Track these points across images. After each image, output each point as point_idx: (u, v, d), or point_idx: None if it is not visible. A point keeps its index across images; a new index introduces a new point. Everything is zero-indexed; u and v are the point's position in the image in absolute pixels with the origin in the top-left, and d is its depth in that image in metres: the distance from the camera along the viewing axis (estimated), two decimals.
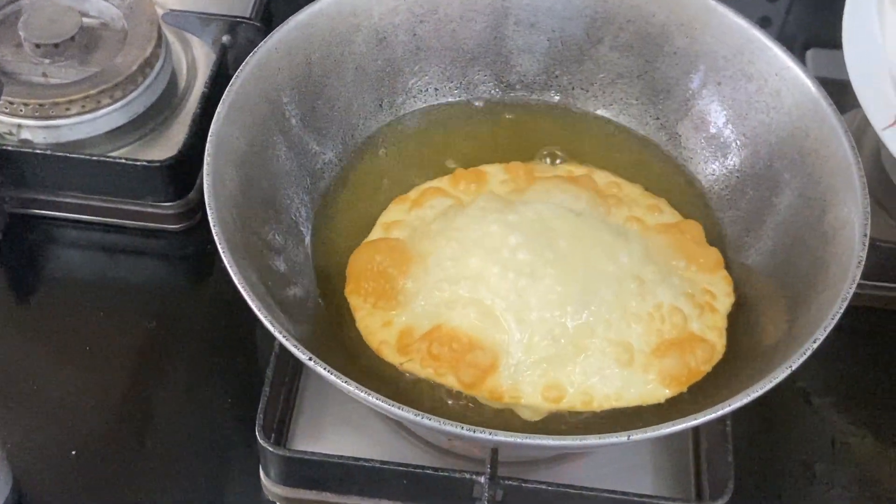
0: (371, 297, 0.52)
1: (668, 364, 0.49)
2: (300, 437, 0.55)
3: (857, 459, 0.58)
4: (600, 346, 0.49)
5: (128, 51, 0.67)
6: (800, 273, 0.51)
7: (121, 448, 0.56)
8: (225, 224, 0.47)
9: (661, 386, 0.49)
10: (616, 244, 0.52)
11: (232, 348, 0.60)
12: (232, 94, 0.51)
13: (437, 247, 0.52)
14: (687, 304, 0.52)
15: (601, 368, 0.49)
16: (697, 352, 0.50)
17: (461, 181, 0.58)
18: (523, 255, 0.50)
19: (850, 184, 0.50)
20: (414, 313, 0.51)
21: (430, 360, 0.50)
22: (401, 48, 0.60)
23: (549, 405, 0.49)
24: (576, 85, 0.62)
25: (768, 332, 0.50)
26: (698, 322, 0.51)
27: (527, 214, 0.52)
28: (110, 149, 0.66)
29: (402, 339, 0.51)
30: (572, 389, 0.49)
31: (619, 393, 0.49)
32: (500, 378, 0.49)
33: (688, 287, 0.53)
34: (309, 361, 0.43)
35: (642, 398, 0.49)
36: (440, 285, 0.51)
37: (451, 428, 0.41)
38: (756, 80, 0.56)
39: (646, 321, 0.50)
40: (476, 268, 0.50)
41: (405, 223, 0.56)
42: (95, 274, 0.65)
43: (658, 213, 0.57)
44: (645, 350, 0.50)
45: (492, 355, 0.49)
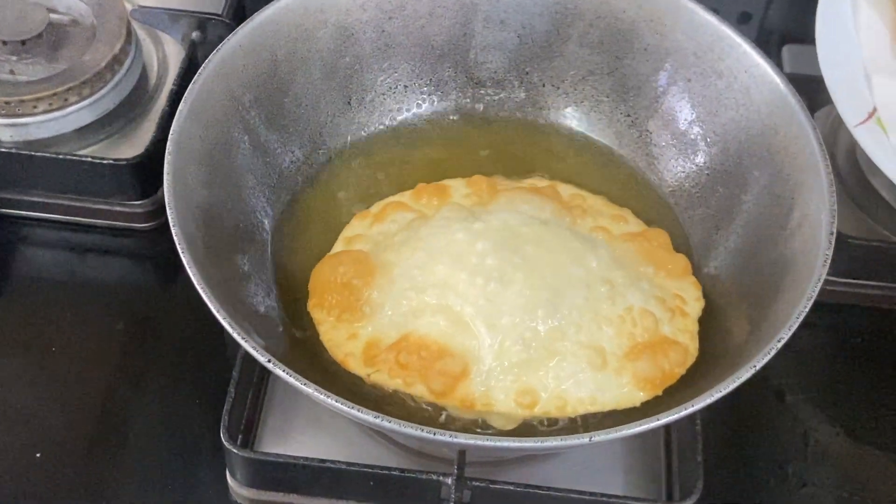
0: (335, 310, 0.51)
1: (642, 367, 0.49)
2: (268, 438, 0.55)
3: (829, 457, 0.57)
4: (572, 350, 0.49)
5: (96, 48, 0.66)
6: (767, 271, 0.50)
7: (86, 450, 0.55)
8: (186, 223, 0.47)
9: (636, 389, 0.49)
10: (584, 249, 0.51)
11: (200, 349, 0.60)
12: (194, 92, 0.51)
13: (402, 256, 0.52)
14: (658, 307, 0.51)
15: (574, 372, 0.49)
16: (670, 354, 0.49)
17: (423, 195, 0.57)
18: (491, 260, 0.50)
19: (818, 181, 0.50)
20: (380, 324, 0.50)
21: (398, 369, 0.49)
22: (369, 45, 0.60)
23: (523, 412, 0.48)
24: (546, 82, 0.62)
25: (737, 332, 0.50)
26: (669, 325, 0.51)
27: (492, 222, 0.52)
28: (79, 147, 0.65)
29: (368, 350, 0.50)
30: (546, 395, 0.48)
31: (593, 397, 0.49)
32: (471, 385, 0.48)
33: (657, 291, 0.52)
34: (268, 363, 0.42)
35: (617, 402, 0.49)
36: (407, 294, 0.50)
37: (412, 430, 0.40)
38: (726, 76, 0.56)
39: (617, 324, 0.50)
40: (443, 275, 0.50)
41: (367, 237, 0.55)
42: (63, 274, 0.64)
43: (623, 222, 0.57)
44: (617, 353, 0.49)
45: (462, 362, 0.48)
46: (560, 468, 0.54)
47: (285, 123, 0.57)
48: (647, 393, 0.49)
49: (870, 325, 0.63)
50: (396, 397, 0.49)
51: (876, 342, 0.63)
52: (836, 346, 0.63)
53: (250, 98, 0.55)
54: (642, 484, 0.54)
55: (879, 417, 0.59)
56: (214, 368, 0.59)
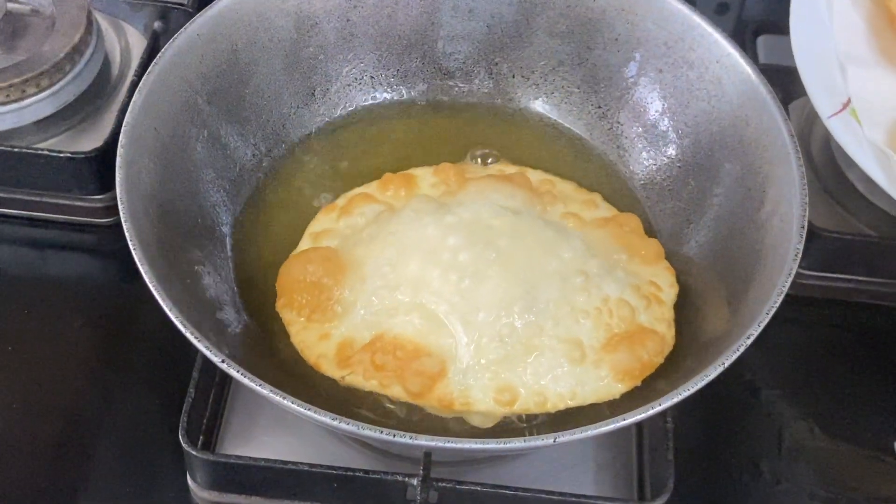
0: (305, 310, 0.50)
1: (620, 358, 0.48)
2: (231, 439, 0.53)
3: (804, 454, 0.57)
4: (550, 345, 0.48)
5: (56, 38, 0.64)
6: (738, 265, 0.50)
7: (44, 453, 0.54)
8: (139, 219, 0.45)
9: (615, 381, 0.48)
10: (557, 240, 0.50)
11: (162, 348, 0.58)
12: (149, 83, 0.49)
13: (372, 253, 0.50)
14: (633, 296, 0.50)
15: (553, 367, 0.48)
16: (648, 344, 0.49)
17: (390, 186, 0.55)
18: (464, 256, 0.49)
19: (790, 174, 0.49)
20: (353, 324, 0.49)
21: (373, 370, 0.47)
22: (333, 34, 0.58)
23: (502, 409, 0.47)
24: (516, 73, 0.61)
25: (709, 325, 0.49)
26: (646, 314, 0.50)
27: (464, 215, 0.51)
28: (38, 140, 0.64)
29: (341, 351, 0.49)
30: (525, 391, 0.47)
31: (573, 391, 0.48)
32: (449, 385, 0.47)
33: (632, 279, 0.51)
34: (222, 364, 0.41)
35: (597, 395, 0.48)
36: (379, 293, 0.49)
37: (370, 432, 0.39)
38: (697, 67, 0.55)
39: (594, 316, 0.49)
40: (416, 272, 0.49)
41: (335, 232, 0.54)
42: (20, 270, 0.62)
43: (594, 208, 0.56)
44: (595, 346, 0.48)
45: (439, 361, 0.47)
46: (529, 467, 0.53)
47: (246, 115, 0.56)
48: (626, 384, 0.48)
49: (845, 320, 0.62)
50: (372, 397, 0.48)
51: (851, 336, 0.62)
52: (811, 341, 0.62)
53: (209, 89, 0.53)
54: (613, 482, 0.53)
55: (854, 413, 0.58)
56: (176, 368, 0.57)
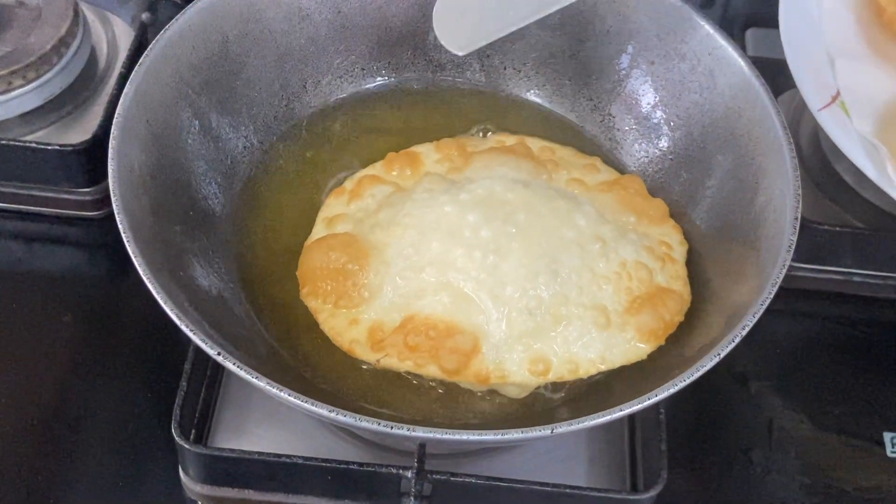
0: (332, 297, 0.50)
1: (644, 320, 0.49)
2: (223, 432, 0.53)
3: (794, 444, 0.57)
4: (577, 313, 0.49)
5: (42, 29, 0.64)
6: (732, 256, 0.50)
7: (35, 447, 0.53)
8: (132, 211, 0.45)
9: (640, 342, 0.49)
10: (570, 209, 0.51)
11: (153, 341, 0.58)
12: (140, 75, 0.49)
13: (393, 236, 0.50)
14: (649, 257, 0.51)
15: (582, 335, 0.49)
16: (669, 303, 0.50)
17: (395, 165, 0.56)
18: (485, 232, 0.49)
19: (782, 166, 0.49)
20: (381, 307, 0.49)
21: (407, 352, 0.48)
22: (325, 26, 0.58)
23: (537, 379, 0.48)
24: (507, 65, 0.61)
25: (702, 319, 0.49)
26: (662, 274, 0.51)
27: (478, 191, 0.51)
28: (24, 132, 0.63)
29: (372, 335, 0.49)
30: (556, 360, 0.48)
31: (602, 356, 0.49)
32: (484, 360, 0.48)
33: (645, 241, 0.52)
34: (218, 356, 0.41)
35: (626, 357, 0.49)
36: (404, 274, 0.49)
37: (367, 424, 0.39)
38: (689, 59, 0.55)
39: (615, 281, 0.50)
40: (439, 252, 0.49)
41: (348, 216, 0.54)
42: (8, 263, 0.62)
43: (595, 172, 0.56)
44: (619, 310, 0.49)
45: (472, 338, 0.48)
46: (523, 458, 0.53)
47: (237, 107, 0.55)
48: (651, 344, 0.49)
49: (834, 312, 0.63)
50: (397, 379, 0.49)
51: (840, 328, 0.63)
52: (800, 333, 0.63)
53: (200, 81, 0.53)
54: (606, 474, 0.53)
55: (844, 404, 0.59)
56: (167, 361, 0.57)
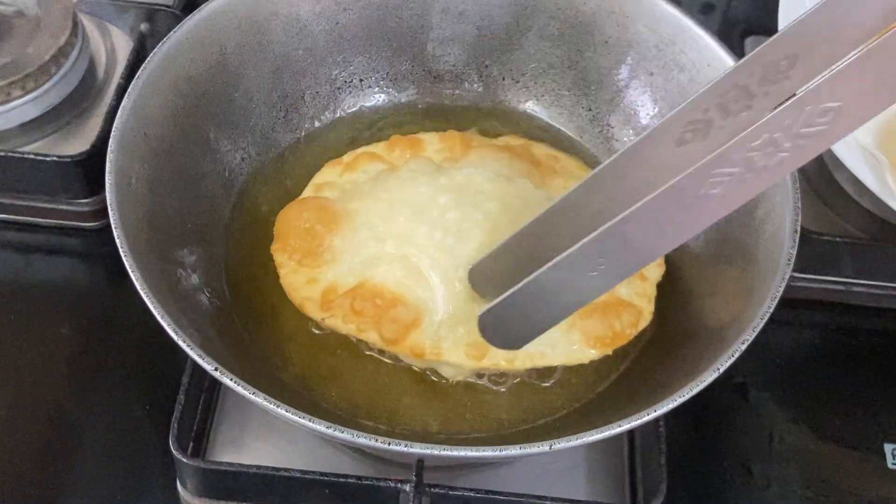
0: (297, 255, 0.52)
1: (593, 325, 0.49)
2: (221, 445, 0.53)
3: (794, 456, 0.57)
4: None
5: (40, 39, 0.64)
6: (731, 269, 0.49)
7: (32, 459, 0.53)
8: (130, 225, 0.45)
9: (586, 346, 0.49)
10: (544, 208, 0.50)
11: (150, 353, 0.58)
12: (138, 88, 0.49)
13: (366, 206, 0.52)
14: None
15: None
16: (623, 315, 0.50)
17: (397, 147, 0.57)
18: (451, 214, 0.50)
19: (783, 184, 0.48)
20: (340, 271, 0.51)
21: (352, 315, 0.49)
22: (323, 38, 0.58)
23: (472, 362, 0.49)
24: (506, 75, 0.61)
25: (701, 330, 0.49)
26: (627, 287, 0.51)
27: (457, 178, 0.52)
28: (23, 143, 0.63)
29: (325, 295, 0.50)
30: (501, 353, 0.49)
31: (542, 352, 0.49)
32: (422, 335, 0.49)
33: None
34: (215, 372, 0.41)
35: (567, 358, 0.49)
36: (367, 243, 0.51)
37: (366, 440, 0.39)
38: (688, 70, 0.55)
39: None
40: (404, 226, 0.50)
41: (337, 185, 0.55)
42: (6, 274, 0.61)
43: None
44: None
45: (414, 311, 0.49)
46: (522, 471, 0.53)
47: (235, 119, 0.55)
48: (597, 350, 0.49)
49: (833, 322, 0.63)
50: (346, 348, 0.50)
51: (840, 338, 0.62)
52: (800, 343, 0.62)
53: (198, 93, 0.53)
54: (605, 486, 0.53)
55: (844, 415, 0.58)
56: (165, 373, 0.57)
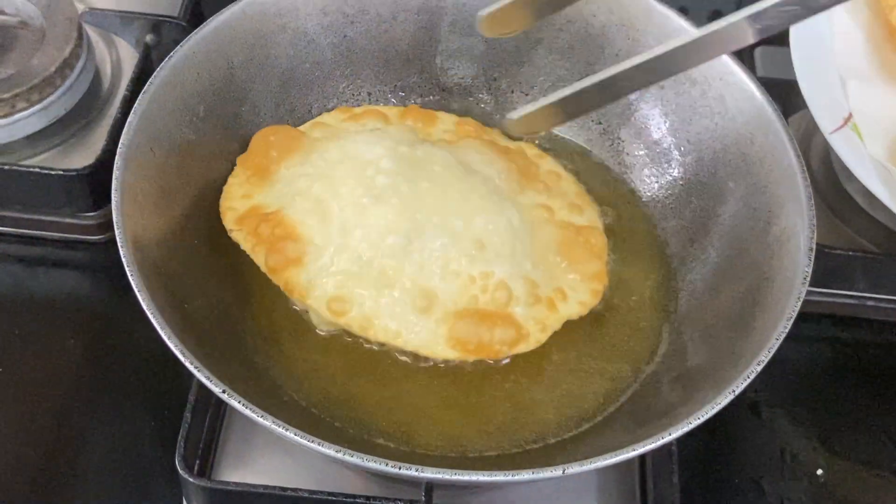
0: (249, 171, 0.53)
1: (462, 327, 0.49)
2: (227, 463, 0.52)
3: (807, 473, 0.56)
4: (402, 285, 0.50)
5: (45, 51, 0.63)
6: (745, 287, 0.49)
7: (35, 477, 0.53)
8: (135, 242, 0.45)
9: (446, 344, 0.49)
10: (486, 208, 0.51)
11: (156, 368, 0.57)
12: (145, 103, 0.48)
13: (324, 148, 0.53)
14: (522, 287, 0.51)
15: (393, 304, 0.49)
16: (498, 330, 0.50)
17: (409, 116, 0.58)
18: (383, 179, 0.51)
19: (796, 193, 0.48)
20: (270, 195, 0.52)
21: (252, 236, 0.51)
22: (330, 50, 0.58)
23: (330, 316, 0.49)
24: (515, 88, 0.60)
25: (713, 350, 0.49)
26: (525, 309, 0.51)
27: (417, 152, 0.53)
28: (28, 155, 0.63)
29: (248, 212, 0.52)
30: (356, 310, 0.49)
31: (398, 331, 0.49)
32: (299, 274, 0.50)
33: (540, 277, 0.52)
34: (223, 394, 0.40)
35: (420, 346, 0.49)
36: (302, 179, 0.52)
37: (375, 464, 0.39)
38: (700, 84, 0.55)
39: (464, 283, 0.50)
40: (338, 174, 0.51)
41: (329, 127, 0.57)
42: (11, 288, 0.61)
43: (577, 213, 0.56)
44: (449, 307, 0.50)
45: (302, 250, 0.50)
46: (532, 490, 0.53)
47: (242, 133, 0.55)
48: (456, 353, 0.49)
49: (846, 336, 0.62)
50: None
51: (853, 353, 0.62)
52: (812, 358, 0.62)
53: (205, 108, 0.52)
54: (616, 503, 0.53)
55: (858, 431, 0.58)
56: (170, 388, 0.56)
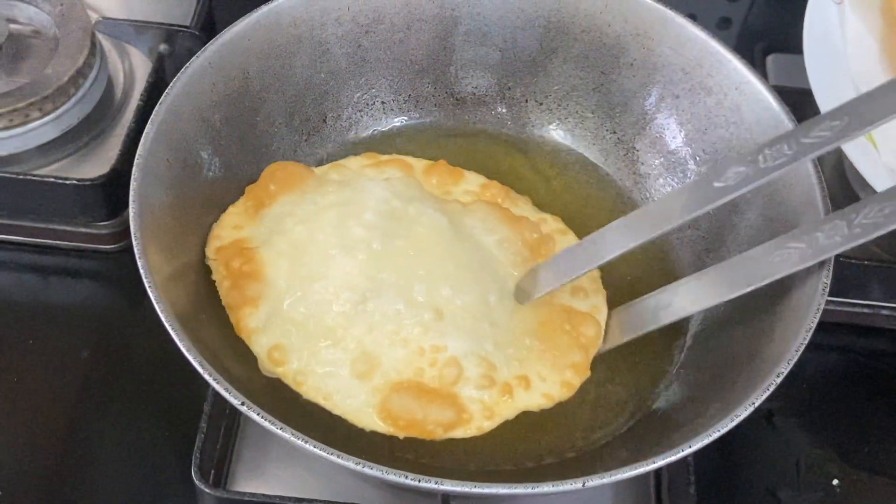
0: (249, 202, 0.53)
1: (395, 401, 0.47)
2: (242, 474, 0.52)
3: (822, 483, 0.56)
4: (345, 345, 0.48)
5: (59, 60, 0.63)
6: (762, 299, 0.49)
7: (50, 487, 0.53)
8: (153, 253, 0.45)
9: (378, 416, 0.47)
10: (454, 278, 0.49)
11: (170, 378, 0.57)
12: (161, 114, 0.48)
13: (323, 190, 0.52)
14: (476, 368, 0.48)
15: (331, 363, 0.47)
16: (435, 410, 0.47)
17: (435, 173, 0.57)
18: (359, 231, 0.49)
19: (813, 204, 0.48)
20: (258, 230, 0.52)
21: (223, 269, 0.50)
22: (345, 60, 0.58)
23: (269, 364, 0.48)
24: (529, 98, 0.60)
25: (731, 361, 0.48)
26: (474, 391, 0.48)
27: (409, 209, 0.51)
28: (41, 164, 0.63)
29: (230, 244, 0.51)
30: (295, 364, 0.48)
31: (329, 393, 0.47)
32: (251, 316, 0.49)
33: (501, 359, 0.48)
34: (242, 406, 0.40)
35: (348, 413, 0.47)
36: (288, 219, 0.51)
37: (395, 477, 0.38)
38: (715, 93, 0.55)
39: (412, 352, 0.48)
40: (322, 220, 0.50)
41: (348, 171, 0.56)
42: (25, 298, 0.61)
43: (580, 298, 0.52)
44: (391, 375, 0.47)
45: (259, 292, 0.49)
46: (547, 501, 0.52)
47: (257, 143, 0.55)
48: (387, 427, 0.47)
49: (862, 345, 0.62)
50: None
51: (868, 362, 0.62)
52: (827, 367, 0.62)
53: (220, 118, 0.52)
54: None
55: (873, 441, 0.58)
56: (185, 399, 0.56)
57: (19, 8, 0.66)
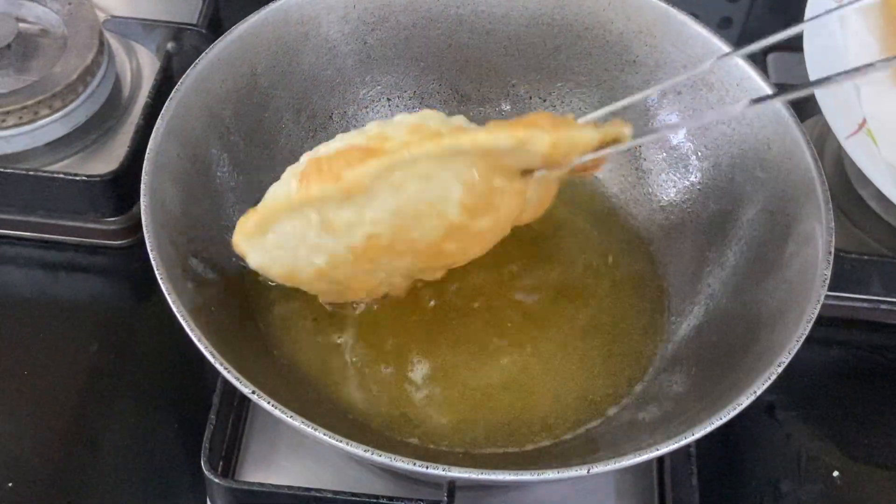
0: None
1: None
2: (250, 464, 0.53)
3: (823, 476, 0.56)
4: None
5: (67, 58, 0.64)
6: (763, 291, 0.49)
7: (60, 479, 0.53)
8: (164, 247, 0.45)
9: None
10: None
11: (179, 371, 0.58)
12: (171, 109, 0.49)
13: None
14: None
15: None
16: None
17: None
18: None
19: (814, 198, 0.49)
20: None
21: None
22: (351, 58, 0.58)
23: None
24: (533, 95, 0.61)
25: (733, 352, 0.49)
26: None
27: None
28: (50, 161, 0.64)
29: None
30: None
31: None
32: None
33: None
34: (252, 395, 0.41)
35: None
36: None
37: (403, 464, 0.39)
38: (717, 90, 0.55)
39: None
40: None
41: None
42: (34, 293, 0.62)
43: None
44: None
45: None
46: (552, 491, 0.53)
47: (266, 139, 0.56)
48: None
49: (861, 340, 0.62)
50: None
51: (868, 356, 0.62)
52: (828, 361, 0.62)
53: (229, 114, 0.53)
54: None
55: (874, 434, 0.58)
56: (193, 391, 0.57)
57: (28, 7, 0.66)
